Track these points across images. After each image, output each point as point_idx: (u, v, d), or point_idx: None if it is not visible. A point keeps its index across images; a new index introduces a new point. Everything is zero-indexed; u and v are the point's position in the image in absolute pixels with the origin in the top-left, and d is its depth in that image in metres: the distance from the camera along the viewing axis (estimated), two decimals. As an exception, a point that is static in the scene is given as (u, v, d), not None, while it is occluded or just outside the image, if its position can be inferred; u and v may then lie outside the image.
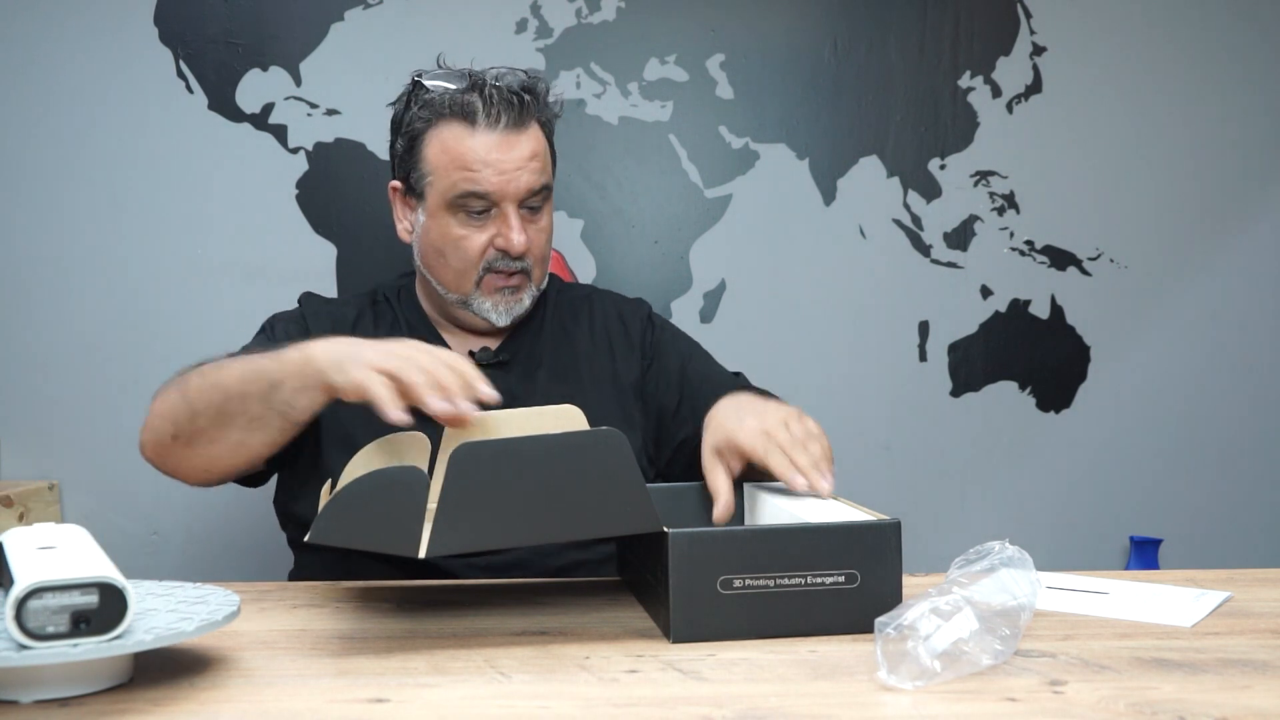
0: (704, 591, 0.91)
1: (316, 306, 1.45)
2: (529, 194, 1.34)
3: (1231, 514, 2.04)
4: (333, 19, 1.88)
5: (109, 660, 0.79)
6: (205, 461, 1.21)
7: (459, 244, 1.35)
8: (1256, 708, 0.75)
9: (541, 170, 1.35)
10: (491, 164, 1.31)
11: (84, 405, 1.86)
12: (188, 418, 1.18)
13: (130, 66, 1.85)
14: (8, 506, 1.71)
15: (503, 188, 1.32)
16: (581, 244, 1.93)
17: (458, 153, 1.32)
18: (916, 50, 1.97)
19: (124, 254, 1.86)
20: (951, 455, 2.01)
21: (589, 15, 1.92)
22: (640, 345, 1.46)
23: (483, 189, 1.32)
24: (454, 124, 1.33)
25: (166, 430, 1.21)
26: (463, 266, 1.35)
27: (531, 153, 1.34)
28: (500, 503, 0.90)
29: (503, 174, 1.32)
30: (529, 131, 1.34)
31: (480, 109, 1.32)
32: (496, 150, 1.32)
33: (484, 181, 1.31)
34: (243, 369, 1.15)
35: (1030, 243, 2.00)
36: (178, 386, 1.21)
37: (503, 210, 1.33)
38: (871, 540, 0.93)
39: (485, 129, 1.32)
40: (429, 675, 0.83)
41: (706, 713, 0.74)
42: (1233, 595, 1.06)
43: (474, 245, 1.34)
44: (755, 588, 0.91)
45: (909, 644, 0.79)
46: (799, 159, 1.96)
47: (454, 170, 1.32)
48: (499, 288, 1.36)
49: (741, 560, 0.91)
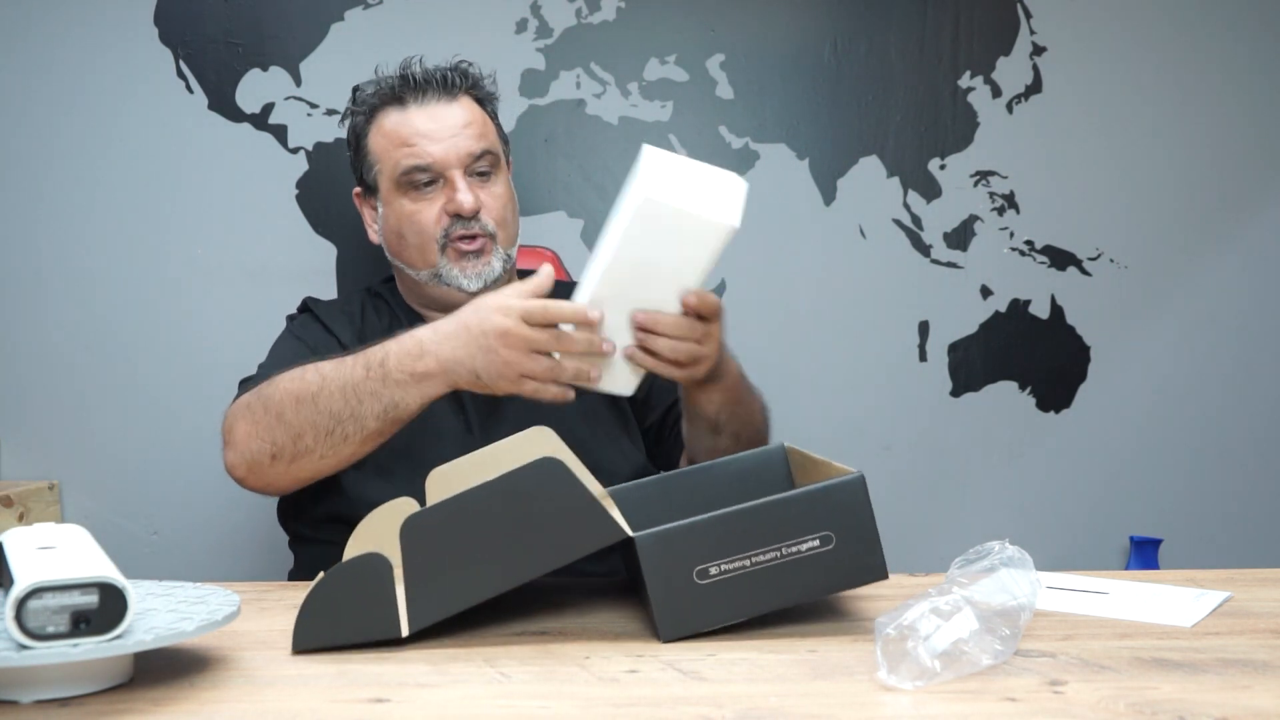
0: (682, 585, 0.91)
1: (325, 307, 1.48)
2: (470, 158, 1.39)
3: (1231, 514, 2.04)
4: (333, 19, 1.88)
5: (109, 660, 0.79)
6: (311, 474, 1.24)
7: (413, 219, 1.39)
8: (1256, 708, 0.75)
9: (480, 136, 1.40)
10: (426, 134, 1.38)
11: (84, 405, 1.86)
12: (290, 439, 1.19)
13: (130, 66, 1.85)
14: (8, 506, 1.71)
15: (443, 155, 1.37)
16: (581, 244, 1.92)
17: (395, 132, 1.39)
18: (916, 50, 1.97)
19: (124, 254, 1.86)
20: (951, 455, 2.01)
21: (589, 15, 1.92)
22: None
23: (424, 160, 1.37)
24: (388, 110, 1.41)
25: (264, 452, 1.22)
26: (421, 241, 1.39)
27: (465, 120, 1.39)
28: (464, 561, 0.91)
29: (438, 141, 1.38)
30: (460, 102, 1.41)
31: (409, 89, 1.39)
32: (431, 120, 1.38)
33: (423, 153, 1.37)
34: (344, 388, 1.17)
35: (1030, 243, 2.00)
36: (265, 408, 1.21)
37: (448, 177, 1.38)
38: (840, 498, 0.92)
39: (415, 105, 1.39)
40: (429, 675, 0.83)
41: (706, 713, 0.74)
42: (1233, 595, 1.06)
43: (428, 217, 1.39)
44: (732, 571, 0.91)
45: (909, 644, 0.79)
46: (799, 159, 1.96)
47: (395, 149, 1.39)
48: (463, 253, 1.39)
49: (713, 547, 0.91)
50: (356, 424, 1.17)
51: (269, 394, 1.21)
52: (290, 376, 1.21)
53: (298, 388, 1.19)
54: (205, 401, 1.75)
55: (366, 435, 1.18)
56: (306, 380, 1.19)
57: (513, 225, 1.44)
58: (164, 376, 1.87)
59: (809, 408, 1.97)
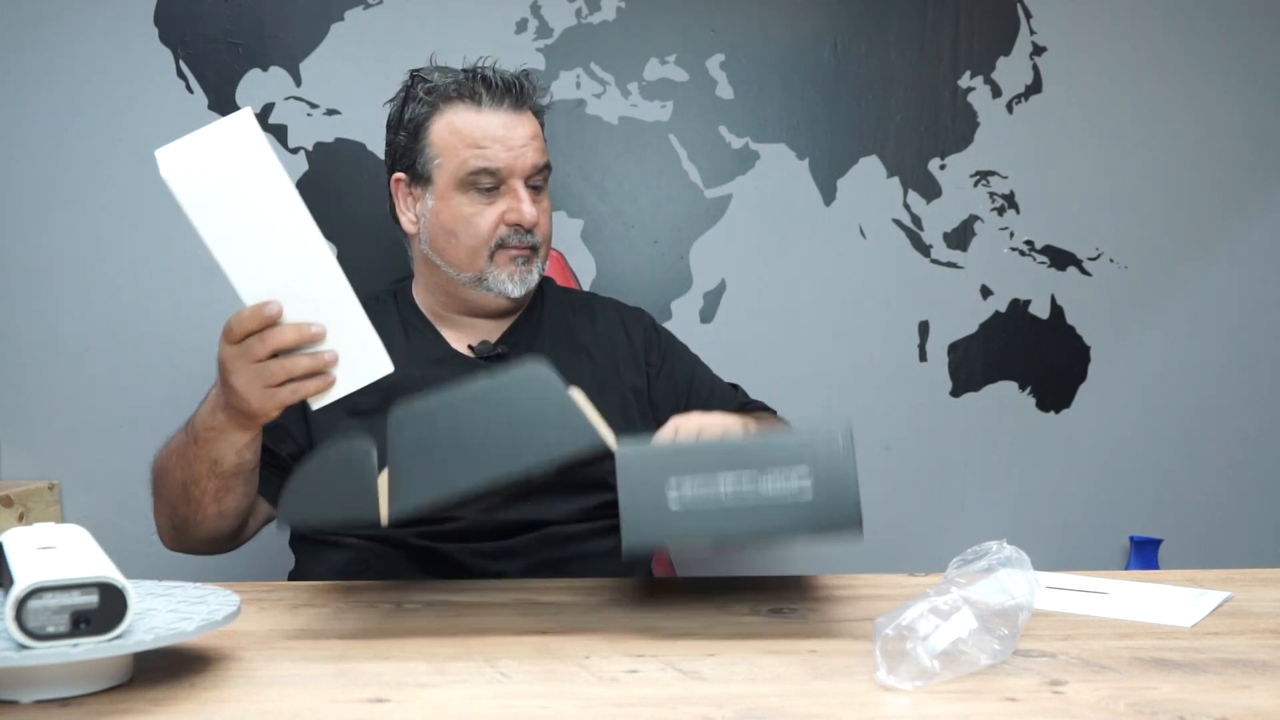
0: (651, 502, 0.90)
1: None
2: (534, 171, 1.38)
3: (1231, 514, 2.04)
4: (333, 19, 1.88)
5: (109, 660, 0.79)
6: (209, 536, 1.28)
7: (471, 220, 1.37)
8: (1256, 708, 0.75)
9: (542, 151, 1.40)
10: (500, 140, 1.36)
11: (84, 405, 1.86)
12: (170, 510, 1.26)
13: (130, 66, 1.85)
14: (8, 506, 1.71)
15: (511, 163, 1.36)
16: (581, 244, 1.93)
17: (466, 131, 1.37)
18: (916, 50, 1.97)
19: (124, 254, 1.86)
20: (951, 455, 2.01)
21: (589, 15, 1.92)
22: (645, 352, 1.48)
23: (493, 164, 1.36)
24: (460, 106, 1.38)
25: (166, 524, 1.29)
26: (475, 243, 1.38)
27: (533, 133, 1.39)
28: (447, 453, 0.93)
29: (510, 149, 1.36)
30: (528, 114, 1.40)
31: (485, 91, 1.37)
32: (504, 128, 1.37)
33: (494, 157, 1.36)
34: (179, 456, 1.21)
35: (1030, 243, 2.00)
36: (154, 484, 1.28)
37: (511, 186, 1.37)
38: (823, 443, 0.90)
39: (491, 108, 1.37)
40: (429, 675, 0.83)
41: (706, 713, 0.74)
42: (1233, 595, 1.06)
43: (486, 221, 1.37)
44: (704, 497, 0.90)
45: (908, 644, 0.79)
46: (799, 159, 1.96)
47: (464, 148, 1.37)
48: (512, 258, 1.39)
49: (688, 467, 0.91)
50: (198, 487, 1.21)
51: (153, 470, 1.28)
52: (160, 453, 1.27)
53: (161, 463, 1.26)
54: (205, 401, 1.75)
55: (212, 492, 1.20)
56: (164, 455, 1.25)
57: (550, 240, 1.45)
58: (164, 376, 1.87)
59: (809, 408, 1.96)
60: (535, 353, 1.43)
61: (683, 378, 1.47)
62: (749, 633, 0.94)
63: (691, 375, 1.48)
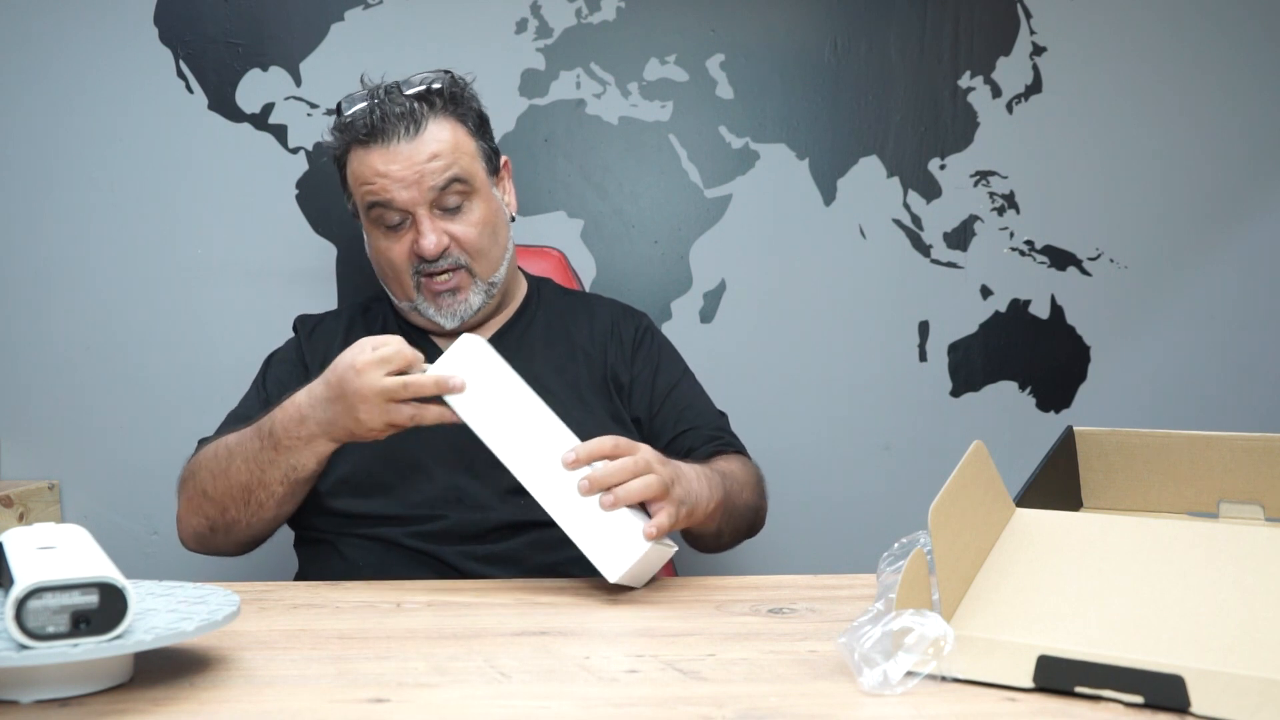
0: None
1: (311, 327, 1.50)
2: (434, 194, 1.36)
3: (1231, 514, 2.04)
4: (333, 19, 1.88)
5: (109, 660, 0.79)
6: (249, 538, 1.30)
7: (386, 255, 1.40)
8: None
9: (447, 166, 1.36)
10: (388, 175, 1.35)
11: (84, 405, 1.86)
12: (217, 512, 1.26)
13: (130, 66, 1.85)
14: (8, 506, 1.71)
15: (406, 197, 1.35)
16: (581, 244, 1.93)
17: (360, 172, 1.38)
18: (916, 50, 1.97)
19: (124, 254, 1.86)
20: (951, 455, 1.98)
21: (589, 15, 1.92)
22: (633, 349, 1.47)
23: (385, 199, 1.36)
24: (356, 146, 1.38)
25: (203, 526, 1.29)
26: (395, 275, 1.40)
27: (430, 154, 1.35)
28: None
29: (400, 181, 1.35)
30: (427, 134, 1.36)
31: (372, 126, 1.36)
32: (393, 162, 1.35)
33: (383, 192, 1.36)
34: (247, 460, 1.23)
35: (1030, 243, 2.00)
36: (195, 485, 1.28)
37: (415, 215, 1.36)
38: None
39: (379, 145, 1.36)
40: (429, 675, 0.83)
41: (706, 713, 0.74)
42: (1233, 595, 1.06)
43: (398, 255, 1.38)
44: None
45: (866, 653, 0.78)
46: (799, 159, 1.96)
47: (360, 188, 1.38)
48: (437, 291, 1.39)
49: None
50: (266, 491, 1.23)
51: (195, 470, 1.28)
52: (208, 454, 1.27)
53: (212, 465, 1.26)
54: (205, 401, 1.75)
55: (279, 498, 1.24)
56: (219, 456, 1.25)
57: (494, 249, 1.41)
58: (164, 376, 1.87)
59: (809, 408, 1.97)
60: (525, 353, 1.43)
61: (663, 384, 1.46)
62: (749, 633, 0.94)
63: (674, 385, 1.47)
